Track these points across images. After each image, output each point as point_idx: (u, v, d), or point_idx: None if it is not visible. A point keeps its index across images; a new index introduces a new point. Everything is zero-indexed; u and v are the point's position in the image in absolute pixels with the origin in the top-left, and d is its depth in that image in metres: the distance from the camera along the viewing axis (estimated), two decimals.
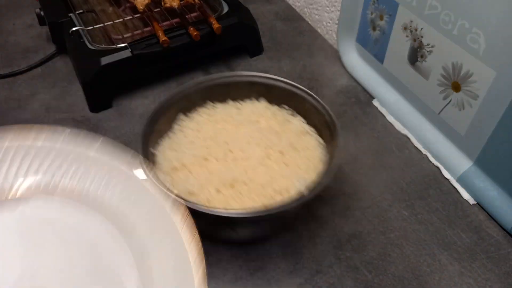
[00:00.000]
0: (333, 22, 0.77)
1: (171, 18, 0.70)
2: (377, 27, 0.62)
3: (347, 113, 0.64)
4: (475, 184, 0.51)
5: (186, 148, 0.48)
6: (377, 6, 0.60)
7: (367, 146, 0.59)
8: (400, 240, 0.48)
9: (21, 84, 0.69)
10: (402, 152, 0.58)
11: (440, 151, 0.56)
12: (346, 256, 0.47)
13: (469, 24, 0.46)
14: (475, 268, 0.45)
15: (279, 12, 0.87)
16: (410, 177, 0.55)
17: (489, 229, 0.49)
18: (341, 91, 0.68)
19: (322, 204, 0.51)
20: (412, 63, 0.57)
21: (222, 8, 0.73)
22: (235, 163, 0.47)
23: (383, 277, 0.45)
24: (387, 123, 0.62)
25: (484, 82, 0.46)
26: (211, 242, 0.46)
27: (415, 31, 0.54)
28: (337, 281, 0.44)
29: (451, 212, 0.51)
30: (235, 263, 0.46)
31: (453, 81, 0.51)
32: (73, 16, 0.71)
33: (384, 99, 0.64)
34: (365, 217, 0.50)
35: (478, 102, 0.48)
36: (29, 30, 0.80)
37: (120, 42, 0.64)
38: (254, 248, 0.47)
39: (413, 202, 0.52)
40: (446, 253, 0.47)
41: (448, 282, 0.44)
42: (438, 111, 0.55)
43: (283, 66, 0.73)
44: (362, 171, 0.55)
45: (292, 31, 0.81)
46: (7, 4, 0.89)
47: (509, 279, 0.44)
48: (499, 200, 0.49)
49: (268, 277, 0.45)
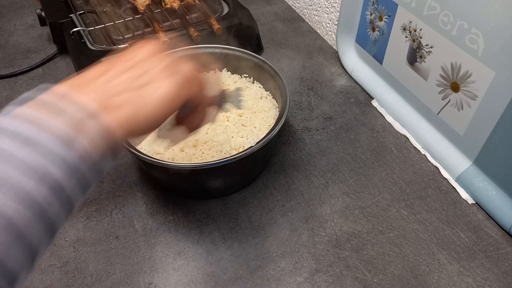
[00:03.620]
0: (332, 23, 0.77)
1: (171, 19, 0.70)
2: (377, 28, 0.62)
3: (346, 113, 0.64)
4: (474, 183, 0.51)
5: None
6: (377, 7, 0.61)
7: (366, 146, 0.59)
8: (399, 239, 0.48)
9: (22, 84, 0.69)
10: (401, 152, 0.58)
11: (439, 151, 0.56)
12: (345, 255, 0.47)
13: (468, 24, 0.46)
14: (474, 267, 0.46)
15: (279, 13, 0.87)
16: (409, 177, 0.55)
17: (488, 229, 0.49)
18: (340, 91, 0.68)
19: (322, 204, 0.52)
20: (411, 63, 0.57)
21: (222, 9, 0.74)
22: None
23: (382, 276, 0.45)
24: (386, 123, 0.62)
25: (483, 82, 0.46)
26: (179, 197, 0.53)
27: (414, 32, 0.54)
28: (336, 280, 0.45)
29: (450, 212, 0.51)
30: (235, 262, 0.46)
31: (452, 82, 0.51)
32: (74, 16, 0.71)
33: (383, 99, 0.64)
34: (364, 217, 0.50)
35: (477, 102, 0.48)
36: (30, 31, 0.80)
37: (121, 43, 0.64)
38: (254, 247, 0.48)
39: (412, 202, 0.52)
40: (445, 253, 0.47)
41: (447, 281, 0.44)
42: (437, 111, 0.55)
43: (283, 67, 0.73)
44: (361, 171, 0.56)
45: (292, 32, 0.82)
46: (8, 4, 0.89)
47: (508, 278, 0.45)
48: (498, 200, 0.49)
49: (268, 276, 0.45)
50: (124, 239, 0.49)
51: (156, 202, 0.53)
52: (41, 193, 0.22)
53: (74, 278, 0.45)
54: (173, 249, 0.48)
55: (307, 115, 0.64)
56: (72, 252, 0.48)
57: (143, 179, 0.55)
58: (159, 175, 0.53)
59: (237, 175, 0.51)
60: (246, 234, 0.49)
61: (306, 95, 0.68)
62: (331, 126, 0.62)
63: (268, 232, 0.49)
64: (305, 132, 0.61)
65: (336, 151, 0.58)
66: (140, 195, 0.53)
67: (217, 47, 0.58)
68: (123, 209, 0.52)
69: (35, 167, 0.22)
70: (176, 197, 0.53)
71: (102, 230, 0.50)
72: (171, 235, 0.49)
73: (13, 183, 0.21)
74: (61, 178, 0.23)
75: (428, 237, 0.48)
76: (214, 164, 0.44)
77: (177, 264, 0.47)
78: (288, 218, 0.50)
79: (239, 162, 0.45)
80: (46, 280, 0.45)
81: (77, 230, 0.50)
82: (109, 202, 0.53)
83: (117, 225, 0.50)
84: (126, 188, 0.54)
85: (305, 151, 0.58)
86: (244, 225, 0.50)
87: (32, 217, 0.21)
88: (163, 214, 0.51)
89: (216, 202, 0.52)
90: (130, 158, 0.58)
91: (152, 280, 0.45)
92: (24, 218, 0.21)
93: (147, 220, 0.51)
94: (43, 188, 0.22)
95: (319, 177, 0.55)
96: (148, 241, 0.49)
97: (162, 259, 0.47)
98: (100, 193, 0.54)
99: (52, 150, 0.23)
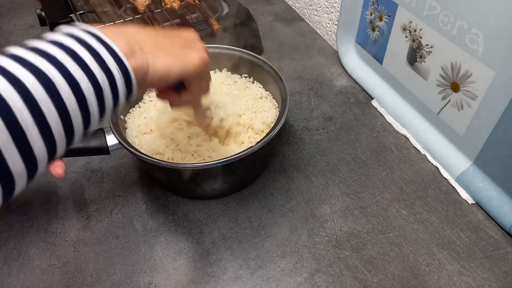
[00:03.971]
0: (332, 23, 0.77)
1: (171, 19, 0.70)
2: (377, 28, 0.62)
3: (346, 113, 0.64)
4: (474, 183, 0.51)
5: (154, 115, 0.54)
6: (376, 7, 0.61)
7: (366, 146, 0.59)
8: (399, 239, 0.48)
9: None
10: (401, 152, 0.58)
11: (439, 151, 0.56)
12: (345, 255, 0.47)
13: (468, 24, 0.46)
14: (474, 267, 0.46)
15: (279, 13, 0.87)
16: (409, 176, 0.55)
17: (488, 229, 0.49)
18: (340, 91, 0.68)
19: (322, 204, 0.52)
20: (411, 63, 0.57)
21: (222, 9, 0.74)
22: (198, 127, 0.53)
23: (382, 276, 0.45)
24: (386, 123, 0.62)
25: (483, 82, 0.46)
26: (178, 197, 0.53)
27: (414, 32, 0.54)
28: (336, 280, 0.45)
29: (450, 212, 0.51)
30: (235, 262, 0.46)
31: (452, 82, 0.51)
32: (74, 16, 0.71)
33: (383, 99, 0.64)
34: (364, 217, 0.50)
35: (477, 102, 0.48)
36: (30, 31, 0.80)
37: None
38: (254, 247, 0.48)
39: (412, 202, 0.52)
40: (445, 253, 0.47)
41: (447, 281, 0.44)
42: (437, 111, 0.55)
43: (283, 67, 0.73)
44: (361, 171, 0.56)
45: (292, 32, 0.82)
46: (8, 4, 0.89)
47: (508, 278, 0.45)
48: (498, 200, 0.49)
49: (268, 276, 0.45)
50: (124, 239, 0.49)
51: (156, 202, 0.53)
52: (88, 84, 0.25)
53: (74, 278, 0.45)
54: (173, 249, 0.48)
55: (307, 115, 0.64)
56: (72, 252, 0.48)
57: (143, 179, 0.55)
58: (159, 175, 0.53)
59: (237, 175, 0.51)
60: (246, 234, 0.49)
61: (306, 95, 0.68)
62: (331, 126, 0.62)
63: (268, 232, 0.49)
64: (305, 132, 0.61)
65: (336, 151, 0.58)
66: (140, 195, 0.53)
67: (217, 47, 0.58)
68: (123, 209, 0.52)
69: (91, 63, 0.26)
70: (176, 197, 0.53)
71: (102, 230, 0.50)
72: (171, 235, 0.49)
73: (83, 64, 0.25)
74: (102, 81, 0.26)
75: (428, 237, 0.48)
76: (214, 164, 0.44)
77: (177, 264, 0.47)
78: (288, 218, 0.50)
79: (239, 162, 0.45)
80: (46, 280, 0.45)
81: (77, 230, 0.50)
82: (109, 202, 0.53)
83: (117, 225, 0.50)
84: (126, 188, 0.54)
85: (305, 151, 0.59)
86: (244, 225, 0.50)
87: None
88: (163, 214, 0.51)
89: (216, 202, 0.52)
90: (130, 158, 0.58)
91: (152, 280, 0.45)
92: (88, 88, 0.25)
93: (147, 220, 0.51)
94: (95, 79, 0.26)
95: (319, 177, 0.55)
96: (148, 241, 0.49)
97: (162, 259, 0.47)
98: (100, 193, 0.54)
99: (108, 56, 0.27)
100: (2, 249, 0.48)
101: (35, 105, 0.22)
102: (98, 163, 0.57)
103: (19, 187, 0.23)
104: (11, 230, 0.50)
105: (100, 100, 0.26)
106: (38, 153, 0.23)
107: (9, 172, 0.22)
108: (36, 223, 0.51)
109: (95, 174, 0.56)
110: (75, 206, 0.52)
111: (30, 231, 0.50)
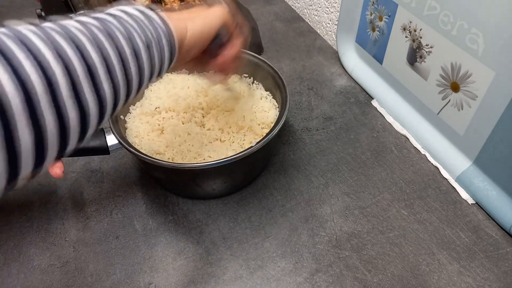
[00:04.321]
0: (332, 23, 0.77)
1: None
2: (377, 28, 0.62)
3: (346, 113, 0.64)
4: (474, 183, 0.51)
5: (153, 116, 0.55)
6: (376, 7, 0.61)
7: (366, 146, 0.59)
8: (399, 239, 0.48)
9: None
10: (401, 152, 0.58)
11: (439, 151, 0.56)
12: (345, 255, 0.47)
13: (468, 24, 0.46)
14: (474, 267, 0.46)
15: (279, 13, 0.87)
16: (409, 176, 0.55)
17: (488, 229, 0.49)
18: (340, 91, 0.68)
19: (322, 204, 0.52)
20: (411, 63, 0.57)
21: None
22: (199, 127, 0.53)
23: (382, 276, 0.45)
24: (386, 123, 0.62)
25: (483, 82, 0.46)
26: (178, 197, 0.53)
27: (414, 32, 0.54)
28: (336, 280, 0.45)
29: (450, 212, 0.51)
30: (235, 262, 0.46)
31: (452, 82, 0.51)
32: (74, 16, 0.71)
33: (383, 99, 0.64)
34: (364, 217, 0.50)
35: (477, 102, 0.48)
36: None
37: None
38: (254, 247, 0.48)
39: (412, 202, 0.52)
40: (445, 253, 0.47)
41: (447, 281, 0.44)
42: (437, 111, 0.55)
43: (283, 67, 0.73)
44: (361, 171, 0.56)
45: (292, 32, 0.82)
46: (8, 4, 0.89)
47: (508, 278, 0.45)
48: (498, 200, 0.49)
49: (268, 276, 0.45)
50: (124, 239, 0.49)
51: (156, 202, 0.53)
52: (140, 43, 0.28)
53: (74, 278, 0.45)
54: (173, 249, 0.48)
55: (307, 115, 0.64)
56: (72, 252, 0.48)
57: (143, 179, 0.55)
58: (159, 175, 0.53)
59: (237, 175, 0.51)
60: (246, 234, 0.49)
61: (306, 95, 0.68)
62: (331, 126, 0.62)
63: (268, 232, 0.49)
64: (305, 132, 0.61)
65: (336, 151, 0.58)
66: (140, 195, 0.53)
67: None
68: (123, 209, 0.52)
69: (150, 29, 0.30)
70: (176, 197, 0.53)
71: (102, 230, 0.50)
72: (171, 235, 0.49)
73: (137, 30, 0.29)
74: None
75: (428, 237, 0.48)
76: (214, 164, 0.44)
77: (177, 264, 0.47)
78: (288, 218, 0.50)
79: (239, 162, 0.45)
80: (46, 280, 0.45)
81: (77, 230, 0.50)
82: (109, 202, 0.53)
83: (117, 225, 0.50)
84: (126, 188, 0.54)
85: (305, 151, 0.59)
86: (244, 225, 0.50)
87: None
88: (163, 214, 0.51)
89: (216, 202, 0.52)
90: (130, 158, 0.58)
91: (152, 280, 0.45)
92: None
93: (147, 220, 0.51)
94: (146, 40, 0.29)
95: (319, 177, 0.55)
96: (148, 241, 0.49)
97: (162, 259, 0.47)
98: (100, 193, 0.54)
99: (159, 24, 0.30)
100: (2, 249, 0.48)
101: (100, 48, 0.25)
102: (98, 163, 0.57)
103: (92, 128, 0.26)
104: (11, 230, 0.50)
105: (151, 54, 0.29)
106: (106, 93, 0.26)
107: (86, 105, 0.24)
108: (36, 223, 0.51)
109: (95, 174, 0.56)
110: (75, 206, 0.52)
111: (30, 231, 0.50)
